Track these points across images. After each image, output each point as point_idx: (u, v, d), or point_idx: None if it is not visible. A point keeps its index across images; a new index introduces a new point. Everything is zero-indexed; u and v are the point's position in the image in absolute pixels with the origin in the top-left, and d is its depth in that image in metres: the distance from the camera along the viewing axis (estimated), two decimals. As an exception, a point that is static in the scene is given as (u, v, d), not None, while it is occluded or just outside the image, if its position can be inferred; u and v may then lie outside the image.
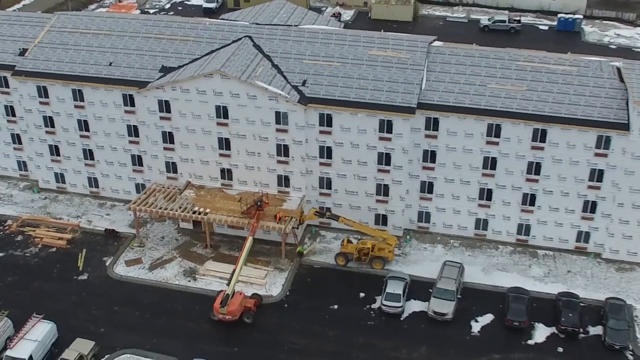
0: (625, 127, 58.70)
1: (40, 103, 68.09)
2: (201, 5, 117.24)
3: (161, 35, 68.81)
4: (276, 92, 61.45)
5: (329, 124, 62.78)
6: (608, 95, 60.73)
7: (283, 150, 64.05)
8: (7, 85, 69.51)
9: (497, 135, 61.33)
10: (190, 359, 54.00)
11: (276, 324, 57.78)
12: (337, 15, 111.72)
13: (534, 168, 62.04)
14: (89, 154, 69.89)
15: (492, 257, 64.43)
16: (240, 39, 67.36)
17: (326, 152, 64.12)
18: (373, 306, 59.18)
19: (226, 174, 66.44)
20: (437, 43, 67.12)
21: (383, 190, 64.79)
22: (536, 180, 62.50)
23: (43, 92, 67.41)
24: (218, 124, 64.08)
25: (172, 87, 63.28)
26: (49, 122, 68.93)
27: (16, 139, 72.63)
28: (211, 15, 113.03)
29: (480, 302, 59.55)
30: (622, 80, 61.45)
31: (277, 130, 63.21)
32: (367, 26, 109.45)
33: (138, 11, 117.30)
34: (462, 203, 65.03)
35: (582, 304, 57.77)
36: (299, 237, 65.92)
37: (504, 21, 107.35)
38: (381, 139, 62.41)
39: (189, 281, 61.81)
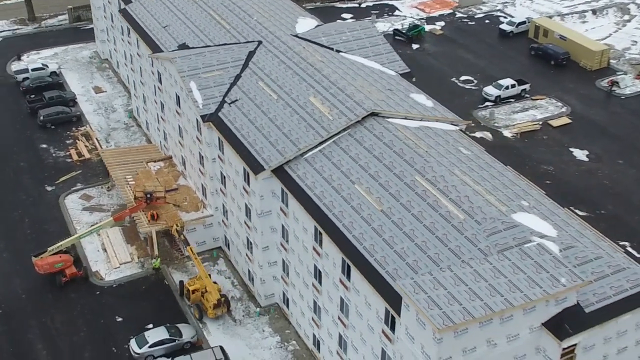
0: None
1: (125, 41, 77.31)
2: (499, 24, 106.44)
3: (215, 16, 69.82)
4: (193, 99, 58.59)
5: (222, 150, 57.36)
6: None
7: (202, 160, 61.05)
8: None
9: (321, 245, 47.81)
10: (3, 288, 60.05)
11: (61, 300, 58.40)
12: (610, 84, 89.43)
13: (344, 309, 46.83)
14: (146, 101, 76.80)
15: (295, 383, 51.70)
16: (252, 41, 64.35)
17: (224, 180, 58.90)
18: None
19: (184, 162, 66.39)
20: (403, 121, 53.04)
21: (250, 246, 56.84)
22: (345, 325, 47.16)
23: (127, 32, 76.28)
24: (176, 111, 64.25)
25: (160, 62, 65.47)
26: (131, 60, 77.79)
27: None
28: (504, 39, 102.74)
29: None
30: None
31: (197, 137, 60.47)
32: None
33: (451, 10, 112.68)
34: (305, 307, 52.87)
35: None
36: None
37: None
38: (244, 189, 54.61)
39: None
